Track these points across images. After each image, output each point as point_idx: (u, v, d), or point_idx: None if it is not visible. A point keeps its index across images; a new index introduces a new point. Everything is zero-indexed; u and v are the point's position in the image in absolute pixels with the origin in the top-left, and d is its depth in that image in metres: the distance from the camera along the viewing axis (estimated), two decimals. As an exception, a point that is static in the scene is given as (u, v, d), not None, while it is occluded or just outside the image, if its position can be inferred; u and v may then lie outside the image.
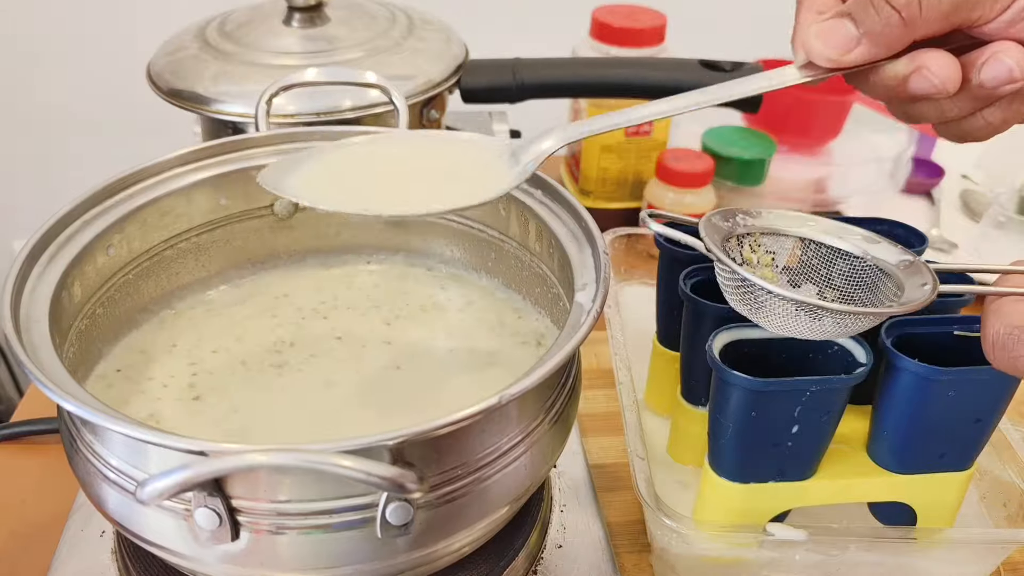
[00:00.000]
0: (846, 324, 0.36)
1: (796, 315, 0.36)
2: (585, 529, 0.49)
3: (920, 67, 0.33)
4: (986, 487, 0.49)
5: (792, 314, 0.36)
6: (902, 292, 0.37)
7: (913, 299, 0.35)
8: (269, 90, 0.51)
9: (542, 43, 0.92)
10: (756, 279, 0.36)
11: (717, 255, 0.37)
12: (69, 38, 1.25)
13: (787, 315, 0.36)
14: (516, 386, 0.32)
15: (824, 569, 0.45)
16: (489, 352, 0.48)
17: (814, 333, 0.36)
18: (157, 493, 0.28)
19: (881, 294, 0.38)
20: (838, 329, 0.36)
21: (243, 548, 0.33)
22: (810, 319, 0.36)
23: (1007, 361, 0.32)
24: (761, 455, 0.42)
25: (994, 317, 0.33)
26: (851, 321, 0.36)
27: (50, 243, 0.40)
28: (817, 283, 0.41)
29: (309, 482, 0.32)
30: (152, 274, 0.47)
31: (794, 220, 0.41)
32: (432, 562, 0.38)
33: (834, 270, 0.40)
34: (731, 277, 0.37)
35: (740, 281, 0.37)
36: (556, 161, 0.92)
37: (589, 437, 0.58)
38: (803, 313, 0.36)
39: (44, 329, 0.36)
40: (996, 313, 0.33)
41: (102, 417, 0.30)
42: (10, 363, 1.35)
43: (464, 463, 0.34)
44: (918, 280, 0.37)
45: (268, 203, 0.50)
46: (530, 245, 0.47)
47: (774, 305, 0.36)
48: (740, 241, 0.40)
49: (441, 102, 0.68)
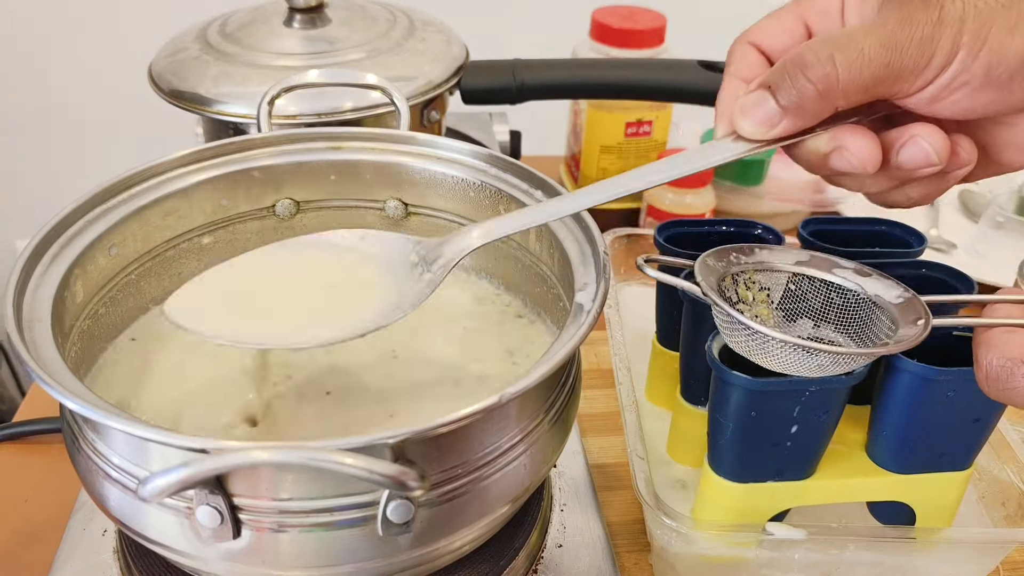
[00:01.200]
0: (841, 362, 0.36)
1: (792, 354, 0.36)
2: (585, 528, 0.49)
3: (840, 147, 0.33)
4: (985, 487, 0.49)
5: (789, 353, 0.36)
6: (896, 324, 0.37)
7: (907, 336, 0.36)
8: (271, 91, 0.52)
9: (542, 44, 0.92)
10: (751, 323, 0.36)
11: (713, 300, 0.37)
12: (71, 38, 1.25)
13: (784, 354, 0.37)
14: (516, 385, 0.32)
15: (823, 568, 0.45)
16: (489, 352, 0.48)
17: (812, 371, 0.37)
18: (159, 491, 0.28)
19: (875, 326, 0.39)
20: (834, 367, 0.37)
21: (245, 546, 0.33)
22: (806, 357, 0.36)
23: (1001, 393, 0.33)
24: (760, 455, 0.42)
25: (985, 348, 0.33)
26: (846, 360, 0.36)
27: (53, 242, 0.40)
28: (812, 317, 0.41)
29: (311, 480, 0.32)
30: (154, 274, 0.47)
31: (786, 255, 0.41)
32: (433, 560, 0.38)
33: (829, 304, 0.41)
34: (728, 320, 0.38)
35: (736, 323, 0.37)
36: (556, 161, 0.92)
37: (589, 437, 0.58)
38: (799, 352, 0.36)
39: (46, 328, 0.36)
40: (987, 344, 0.33)
41: (104, 415, 0.30)
42: (12, 363, 1.35)
43: (465, 462, 0.34)
44: (911, 315, 0.37)
45: (270, 204, 0.50)
46: (530, 245, 0.47)
47: (770, 346, 0.37)
48: (735, 279, 0.40)
49: (441, 103, 0.68)
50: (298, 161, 0.49)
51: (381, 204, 0.51)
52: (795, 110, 0.32)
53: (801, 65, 0.32)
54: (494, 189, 0.47)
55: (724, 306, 0.37)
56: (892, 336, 0.37)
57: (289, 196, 0.50)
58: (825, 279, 0.41)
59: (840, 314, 0.41)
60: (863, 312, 0.40)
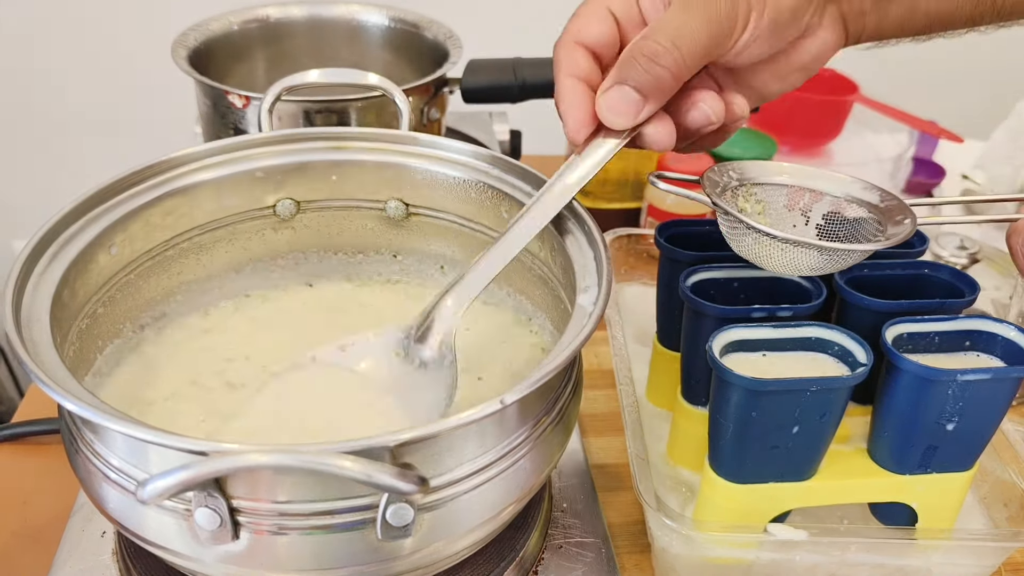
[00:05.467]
0: (837, 258, 0.40)
1: (792, 252, 0.40)
2: (585, 529, 0.49)
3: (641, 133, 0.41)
4: (987, 487, 0.49)
5: (788, 252, 0.40)
6: (884, 227, 0.42)
7: (896, 233, 0.40)
8: (273, 91, 0.52)
9: (542, 43, 0.92)
10: (753, 222, 0.40)
11: (717, 203, 0.41)
12: (70, 39, 1.25)
13: (784, 254, 0.41)
14: (518, 389, 0.32)
15: (824, 569, 0.45)
16: (490, 353, 0.48)
17: (806, 270, 0.41)
18: (158, 493, 0.28)
19: (865, 230, 0.43)
20: (828, 264, 0.41)
21: (243, 548, 0.33)
22: (805, 254, 0.40)
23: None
24: (761, 455, 0.42)
25: (1014, 237, 0.38)
26: (842, 256, 0.40)
27: (52, 242, 0.40)
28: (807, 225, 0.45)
29: (310, 483, 0.32)
30: (153, 274, 0.47)
31: (774, 169, 0.45)
32: (433, 564, 0.38)
33: (820, 212, 0.45)
34: (732, 224, 0.42)
35: (738, 223, 0.41)
36: (556, 161, 0.92)
37: (589, 437, 0.58)
38: (798, 250, 0.40)
39: (45, 328, 0.36)
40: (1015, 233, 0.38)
41: (102, 416, 0.30)
42: (11, 364, 1.35)
43: (465, 465, 0.34)
44: (898, 216, 0.42)
45: (270, 204, 0.50)
46: (531, 247, 0.47)
47: (770, 247, 0.41)
48: (735, 193, 0.44)
49: (442, 102, 0.68)
50: (299, 161, 0.49)
51: (382, 204, 0.51)
52: (655, 94, 0.39)
53: (652, 56, 0.38)
54: (495, 190, 0.47)
55: (732, 210, 0.41)
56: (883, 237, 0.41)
57: (290, 196, 0.50)
58: (817, 189, 0.45)
59: (833, 222, 0.44)
60: (854, 219, 0.44)
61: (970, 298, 0.44)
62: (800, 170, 0.45)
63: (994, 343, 0.42)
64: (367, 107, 0.63)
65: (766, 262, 0.42)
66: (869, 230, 0.43)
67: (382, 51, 0.78)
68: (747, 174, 0.45)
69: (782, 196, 0.45)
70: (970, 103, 1.15)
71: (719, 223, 0.43)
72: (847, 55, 0.48)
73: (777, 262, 0.41)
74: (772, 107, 0.83)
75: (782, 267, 0.41)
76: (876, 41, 0.45)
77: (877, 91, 0.92)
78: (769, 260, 0.41)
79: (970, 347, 0.43)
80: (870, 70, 0.92)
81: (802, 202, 0.45)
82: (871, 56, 0.50)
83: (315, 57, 0.78)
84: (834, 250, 0.40)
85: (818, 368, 0.41)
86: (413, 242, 0.53)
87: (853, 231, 0.44)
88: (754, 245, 0.41)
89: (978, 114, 1.03)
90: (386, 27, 0.77)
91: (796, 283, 0.45)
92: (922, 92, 1.09)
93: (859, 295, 0.44)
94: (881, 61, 0.62)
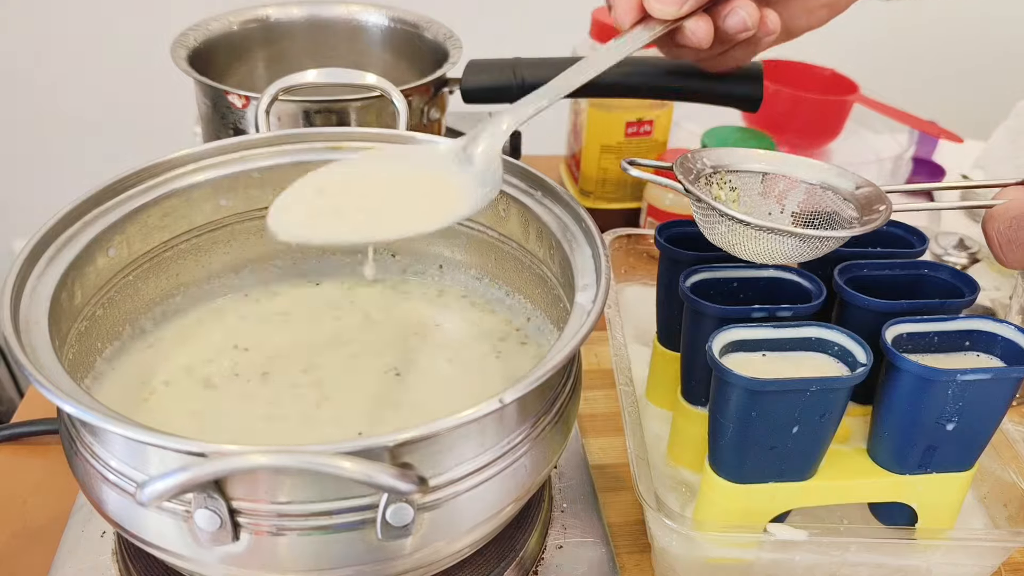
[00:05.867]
0: (810, 246, 0.40)
1: (766, 240, 0.40)
2: (585, 529, 0.49)
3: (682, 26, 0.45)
4: (987, 487, 0.49)
5: (762, 239, 0.40)
6: (861, 215, 0.41)
7: (871, 220, 0.40)
8: (270, 91, 0.51)
9: (542, 43, 0.92)
10: (728, 209, 0.40)
11: (690, 190, 0.42)
12: (70, 39, 1.25)
13: (757, 242, 0.40)
14: (516, 388, 0.32)
15: (824, 569, 0.45)
16: (489, 354, 0.48)
17: (780, 257, 0.41)
18: (157, 494, 0.28)
19: (841, 219, 0.43)
20: (803, 251, 0.40)
21: (243, 549, 0.33)
22: (779, 241, 0.40)
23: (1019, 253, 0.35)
24: (761, 455, 0.42)
25: (989, 223, 0.38)
26: (816, 243, 0.40)
27: (50, 244, 0.40)
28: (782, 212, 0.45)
29: (309, 483, 0.32)
30: (152, 275, 0.47)
31: (748, 156, 0.45)
32: (433, 563, 0.38)
33: (796, 200, 0.45)
34: (705, 211, 0.42)
35: (710, 210, 0.41)
36: (556, 161, 0.92)
37: (589, 437, 0.58)
38: (772, 237, 0.40)
39: (44, 331, 0.36)
40: (990, 219, 0.38)
41: (101, 419, 0.30)
42: (10, 364, 1.35)
43: (465, 464, 0.34)
44: (875, 204, 0.41)
45: (268, 204, 0.50)
46: (530, 246, 0.47)
47: (743, 235, 0.41)
48: (709, 180, 0.44)
49: (441, 102, 0.68)
50: (298, 161, 0.49)
51: (380, 204, 0.51)
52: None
53: None
54: (494, 189, 0.47)
55: (705, 197, 0.41)
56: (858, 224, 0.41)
57: (288, 196, 0.50)
58: (791, 175, 0.45)
59: (809, 209, 0.45)
60: (829, 207, 0.44)
61: (970, 298, 0.44)
62: (774, 156, 0.45)
63: (994, 343, 0.42)
64: (367, 107, 0.62)
65: (740, 250, 0.42)
66: (845, 217, 0.43)
67: (382, 51, 0.78)
68: (721, 161, 0.45)
69: (756, 183, 0.45)
70: (970, 103, 1.15)
71: (692, 211, 0.43)
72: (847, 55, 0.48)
73: (751, 250, 0.41)
74: (772, 107, 0.83)
75: (756, 255, 0.41)
76: None
77: (877, 91, 0.92)
78: (743, 248, 0.41)
79: (970, 347, 0.43)
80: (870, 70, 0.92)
81: (777, 189, 0.45)
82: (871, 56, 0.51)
83: (315, 57, 0.78)
84: (808, 236, 0.40)
85: (818, 368, 0.41)
86: (412, 242, 0.53)
87: (829, 219, 0.44)
88: (727, 233, 0.41)
89: (978, 114, 1.03)
90: (386, 27, 0.77)
91: (796, 283, 0.45)
92: (922, 92, 1.09)
93: (859, 295, 0.44)
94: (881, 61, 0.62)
